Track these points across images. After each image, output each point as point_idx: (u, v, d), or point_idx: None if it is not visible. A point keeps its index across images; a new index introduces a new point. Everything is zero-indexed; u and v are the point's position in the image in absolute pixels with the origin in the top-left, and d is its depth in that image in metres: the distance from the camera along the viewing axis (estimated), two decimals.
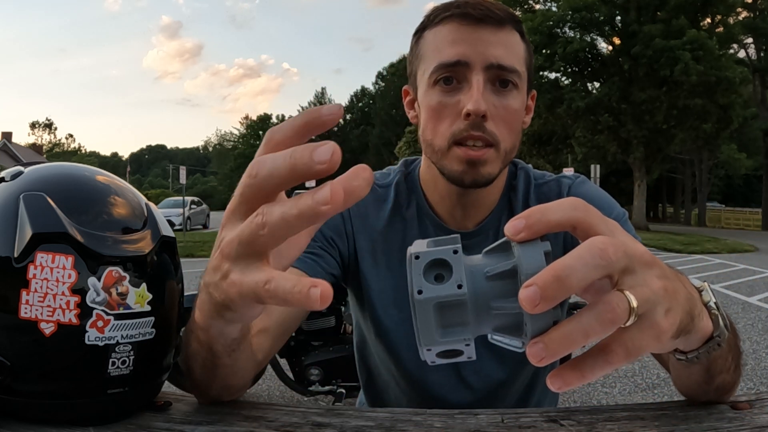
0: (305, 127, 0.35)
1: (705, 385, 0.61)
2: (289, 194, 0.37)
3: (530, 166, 0.93)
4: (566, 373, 0.33)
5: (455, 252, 0.34)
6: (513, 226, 0.34)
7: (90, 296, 0.55)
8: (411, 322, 0.36)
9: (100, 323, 0.56)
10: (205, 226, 22.61)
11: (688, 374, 0.60)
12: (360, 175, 0.31)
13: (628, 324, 0.33)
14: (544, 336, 0.32)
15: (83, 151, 73.87)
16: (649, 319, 0.34)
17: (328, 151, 0.31)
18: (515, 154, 0.84)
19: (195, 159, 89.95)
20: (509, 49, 0.77)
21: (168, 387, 0.68)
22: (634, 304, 0.33)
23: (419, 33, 0.83)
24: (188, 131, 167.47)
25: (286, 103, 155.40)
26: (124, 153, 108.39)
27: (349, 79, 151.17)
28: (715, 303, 0.49)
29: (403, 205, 0.89)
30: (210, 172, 77.25)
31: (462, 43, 0.76)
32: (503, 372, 0.86)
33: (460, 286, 0.33)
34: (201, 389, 0.64)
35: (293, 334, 2.85)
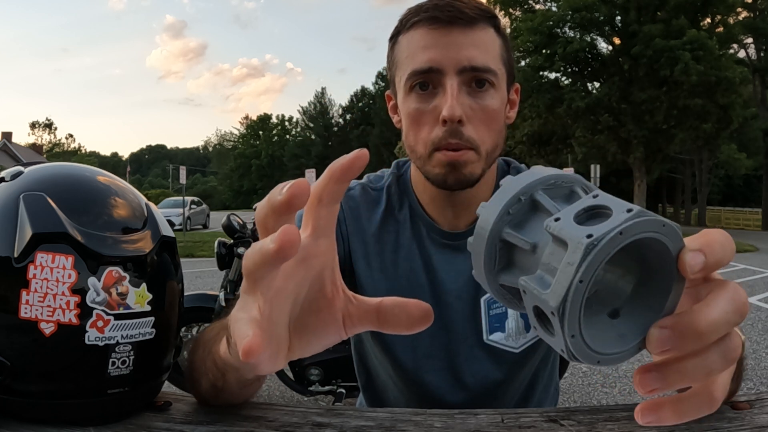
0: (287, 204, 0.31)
1: None
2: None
3: (524, 166, 0.93)
4: (665, 411, 0.32)
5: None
6: (695, 262, 0.28)
7: (90, 296, 0.55)
8: None
9: (100, 323, 0.56)
10: (205, 226, 22.60)
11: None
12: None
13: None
14: (660, 366, 0.30)
15: (83, 151, 73.82)
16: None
17: (278, 234, 0.28)
18: (501, 153, 0.84)
19: (195, 159, 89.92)
20: (482, 48, 0.77)
21: (168, 387, 0.68)
22: (744, 338, 0.32)
23: (394, 38, 0.83)
24: (189, 131, 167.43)
25: (289, 102, 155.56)
26: (124, 153, 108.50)
27: (352, 78, 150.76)
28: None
29: (396, 207, 0.89)
30: (210, 172, 77.26)
31: (433, 49, 0.76)
32: (500, 373, 0.86)
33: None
34: (204, 398, 0.65)
35: None
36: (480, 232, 0.32)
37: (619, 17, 22.30)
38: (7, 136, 32.82)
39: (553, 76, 22.92)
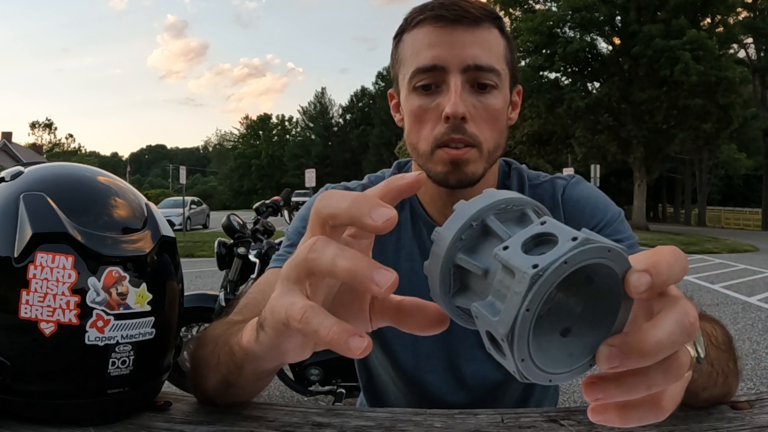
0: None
1: (689, 400, 0.61)
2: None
3: (524, 166, 0.93)
4: (611, 414, 0.32)
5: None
6: (639, 283, 0.29)
7: (90, 296, 0.55)
8: None
9: (100, 323, 0.56)
10: (205, 226, 22.60)
11: None
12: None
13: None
14: (604, 379, 0.30)
15: (83, 151, 73.78)
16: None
17: (389, 279, 0.31)
18: (502, 153, 0.83)
19: (195, 159, 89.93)
20: (487, 48, 0.77)
21: (168, 387, 0.68)
22: (693, 353, 0.33)
23: (399, 36, 0.83)
24: (189, 131, 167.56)
25: (290, 102, 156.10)
26: (124, 153, 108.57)
27: (353, 78, 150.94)
28: None
29: (396, 207, 0.89)
30: (210, 172, 77.27)
31: (438, 47, 0.76)
32: (499, 373, 0.86)
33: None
34: (208, 396, 0.64)
35: None
36: (435, 258, 0.33)
37: (619, 17, 22.31)
38: (7, 136, 32.82)
39: (553, 76, 22.94)
